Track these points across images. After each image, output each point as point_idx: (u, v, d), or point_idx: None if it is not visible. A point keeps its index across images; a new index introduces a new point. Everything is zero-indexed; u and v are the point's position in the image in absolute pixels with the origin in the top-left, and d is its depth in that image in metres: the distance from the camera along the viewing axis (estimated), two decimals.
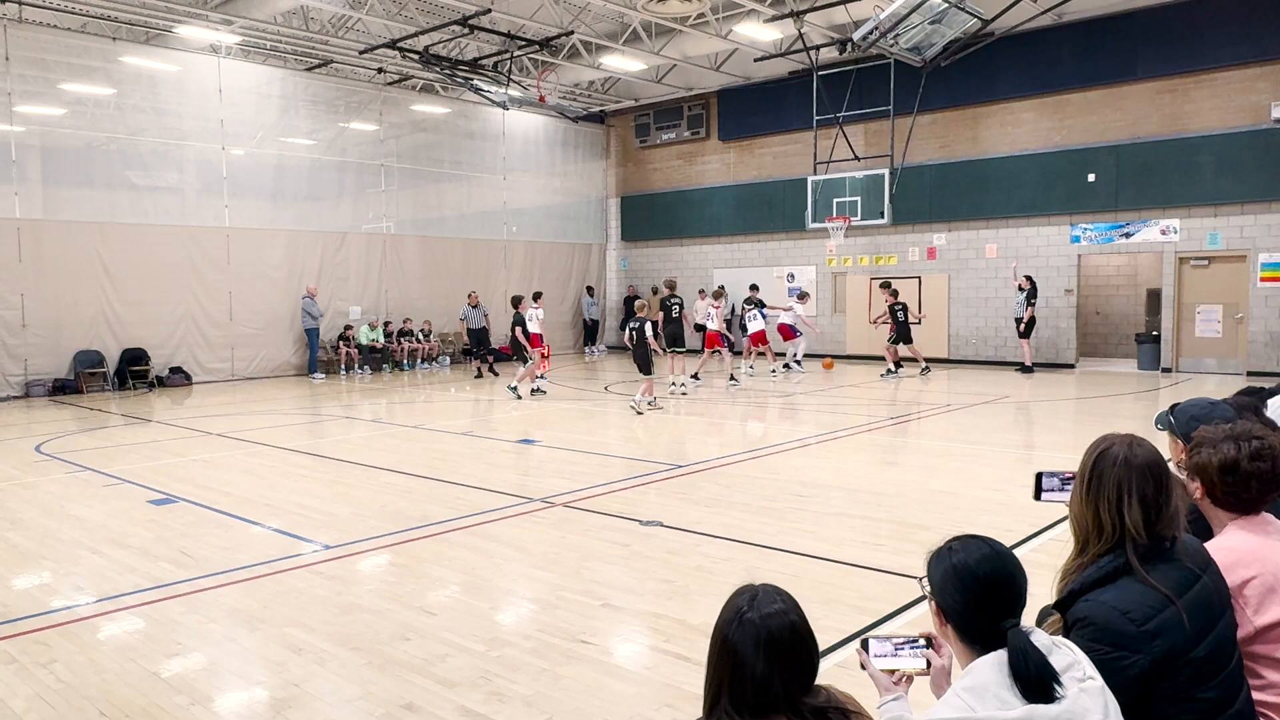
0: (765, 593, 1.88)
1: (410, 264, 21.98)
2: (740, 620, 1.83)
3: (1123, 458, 2.27)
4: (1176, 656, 2.10)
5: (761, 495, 7.76)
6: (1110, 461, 2.28)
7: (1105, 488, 2.26)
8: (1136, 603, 2.11)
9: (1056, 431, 11.66)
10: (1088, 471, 2.32)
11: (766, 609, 1.83)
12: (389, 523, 7.04)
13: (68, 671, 4.32)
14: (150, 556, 6.24)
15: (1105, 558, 2.22)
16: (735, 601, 1.88)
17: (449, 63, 18.82)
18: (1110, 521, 2.24)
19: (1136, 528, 2.20)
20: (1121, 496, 2.23)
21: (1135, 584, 2.15)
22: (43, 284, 16.19)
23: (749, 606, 1.84)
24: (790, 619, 1.84)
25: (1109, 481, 2.26)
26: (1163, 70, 17.14)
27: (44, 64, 16.49)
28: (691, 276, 24.83)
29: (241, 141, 18.83)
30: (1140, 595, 2.12)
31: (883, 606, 4.95)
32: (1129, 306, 20.66)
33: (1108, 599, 2.14)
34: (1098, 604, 2.14)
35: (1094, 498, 2.28)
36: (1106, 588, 2.17)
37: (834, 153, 19.40)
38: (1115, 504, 2.23)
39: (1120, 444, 2.31)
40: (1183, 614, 2.11)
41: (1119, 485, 2.24)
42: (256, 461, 9.93)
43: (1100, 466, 2.29)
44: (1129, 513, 2.21)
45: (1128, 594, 2.13)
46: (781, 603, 1.86)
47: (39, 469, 9.58)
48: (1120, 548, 2.20)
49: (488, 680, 4.14)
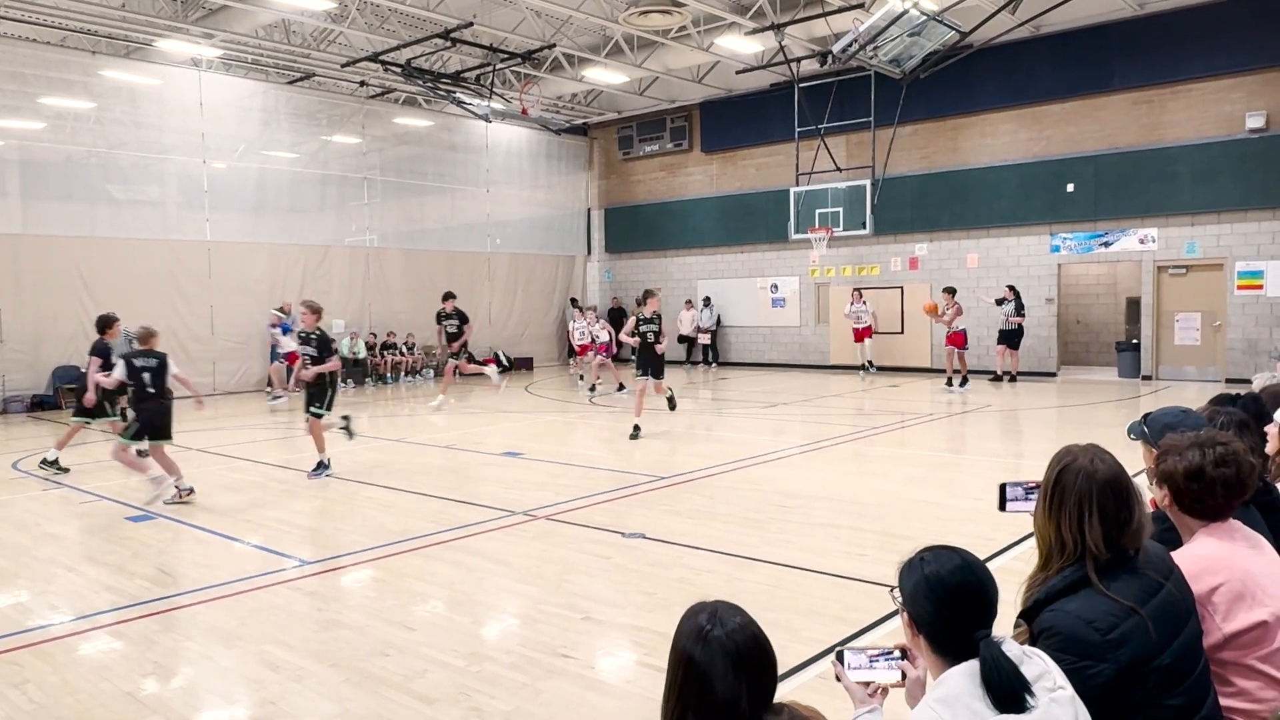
0: (724, 608, 1.85)
1: (393, 277, 21.91)
2: (705, 638, 1.78)
3: (1084, 473, 2.25)
4: (1142, 664, 2.10)
5: (745, 506, 7.76)
6: (1073, 476, 2.26)
7: (1067, 503, 2.24)
8: (1101, 612, 2.11)
9: (1039, 440, 11.72)
10: (1050, 486, 2.30)
11: (729, 624, 1.80)
12: (370, 537, 6.99)
13: (40, 692, 4.26)
14: (127, 574, 6.17)
15: (1068, 569, 2.21)
16: (694, 620, 1.83)
17: (431, 76, 18.82)
18: (1071, 538, 2.22)
19: (1097, 544, 2.19)
20: (1083, 513, 2.21)
21: (1098, 594, 2.14)
22: (21, 299, 16.04)
23: (711, 623, 1.80)
24: (753, 631, 1.82)
25: (1070, 497, 2.24)
26: (1139, 81, 17.34)
27: (23, 78, 16.38)
28: (676, 288, 24.88)
29: (223, 155, 18.73)
30: (1105, 604, 2.12)
31: (865, 617, 4.94)
32: (1109, 315, 20.84)
33: (1072, 609, 2.14)
34: (1063, 613, 2.14)
35: (1055, 514, 2.26)
36: (1071, 597, 2.16)
37: (816, 164, 19.50)
38: (1076, 520, 2.21)
39: (1083, 457, 2.28)
40: (1148, 622, 2.11)
41: (1080, 501, 2.22)
42: (236, 476, 9.84)
43: (1063, 481, 2.27)
44: (1090, 530, 2.20)
45: (1092, 603, 2.13)
46: (742, 616, 1.84)
47: (15, 486, 9.47)
48: (1081, 561, 2.20)
49: (467, 696, 4.10)
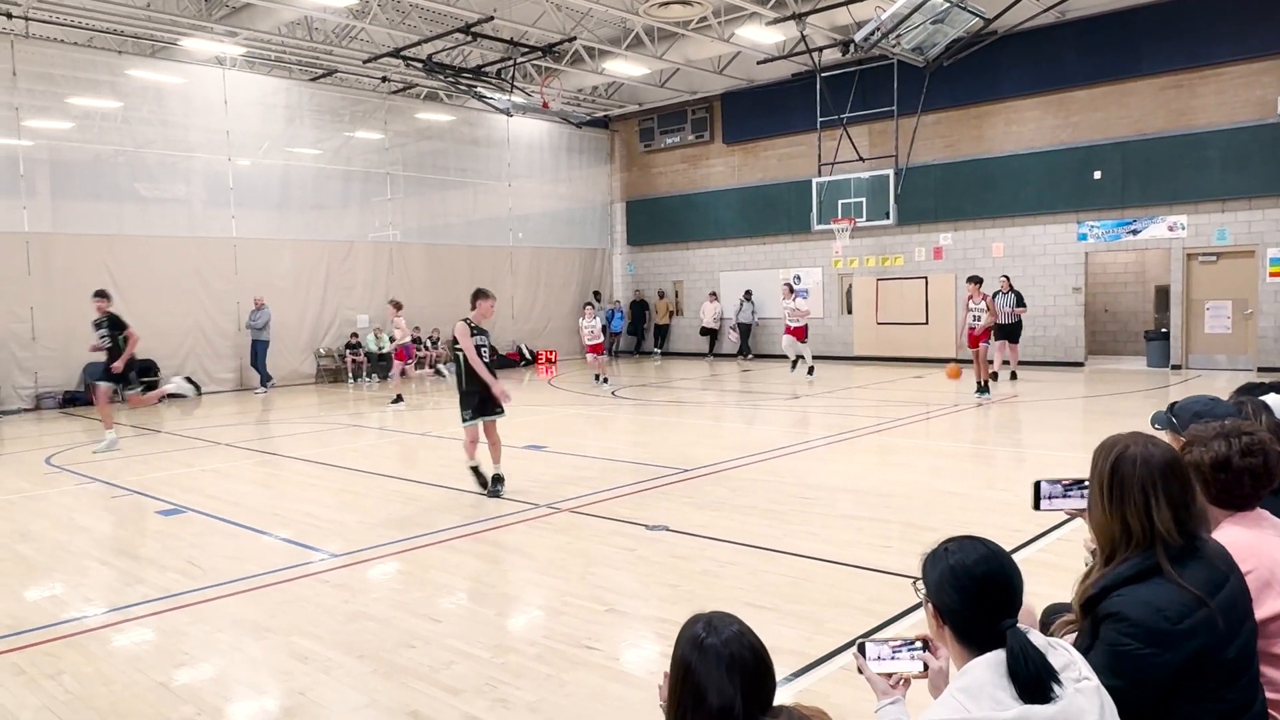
0: (719, 617, 1.89)
1: (416, 272, 22.04)
2: (701, 647, 1.82)
3: (1141, 459, 2.18)
4: (1208, 657, 2.05)
5: (768, 498, 7.74)
6: (1130, 464, 2.18)
7: (1129, 493, 2.16)
8: (1173, 601, 2.05)
9: (1066, 431, 11.61)
10: (1106, 478, 2.22)
11: (725, 633, 1.84)
12: (396, 530, 7.05)
13: (75, 683, 4.33)
14: (158, 567, 6.26)
15: (1136, 557, 2.14)
16: (690, 630, 1.88)
17: (453, 70, 18.89)
18: (1139, 526, 2.15)
19: (1168, 529, 2.12)
20: (1149, 499, 2.14)
21: (1168, 582, 2.08)
22: (52, 297, 16.27)
23: (706, 632, 1.84)
24: (749, 640, 1.85)
25: (1132, 485, 2.16)
26: (1167, 66, 17.07)
27: (51, 78, 16.61)
28: (698, 280, 24.85)
29: (247, 152, 18.93)
30: (1176, 593, 2.06)
31: (890, 609, 4.92)
32: (1137, 303, 20.59)
33: (1143, 595, 2.07)
34: (1132, 600, 2.08)
35: (1118, 505, 2.18)
36: (1141, 584, 2.10)
37: (838, 154, 19.40)
38: (1143, 508, 2.14)
39: (1135, 444, 2.21)
40: (1217, 615, 2.06)
41: (1144, 488, 2.15)
42: (265, 471, 9.96)
43: (1120, 471, 2.19)
44: (1158, 515, 2.13)
45: (1164, 592, 2.06)
46: (738, 625, 1.88)
47: (49, 481, 9.63)
48: (1151, 549, 2.13)
49: (492, 687, 4.13)
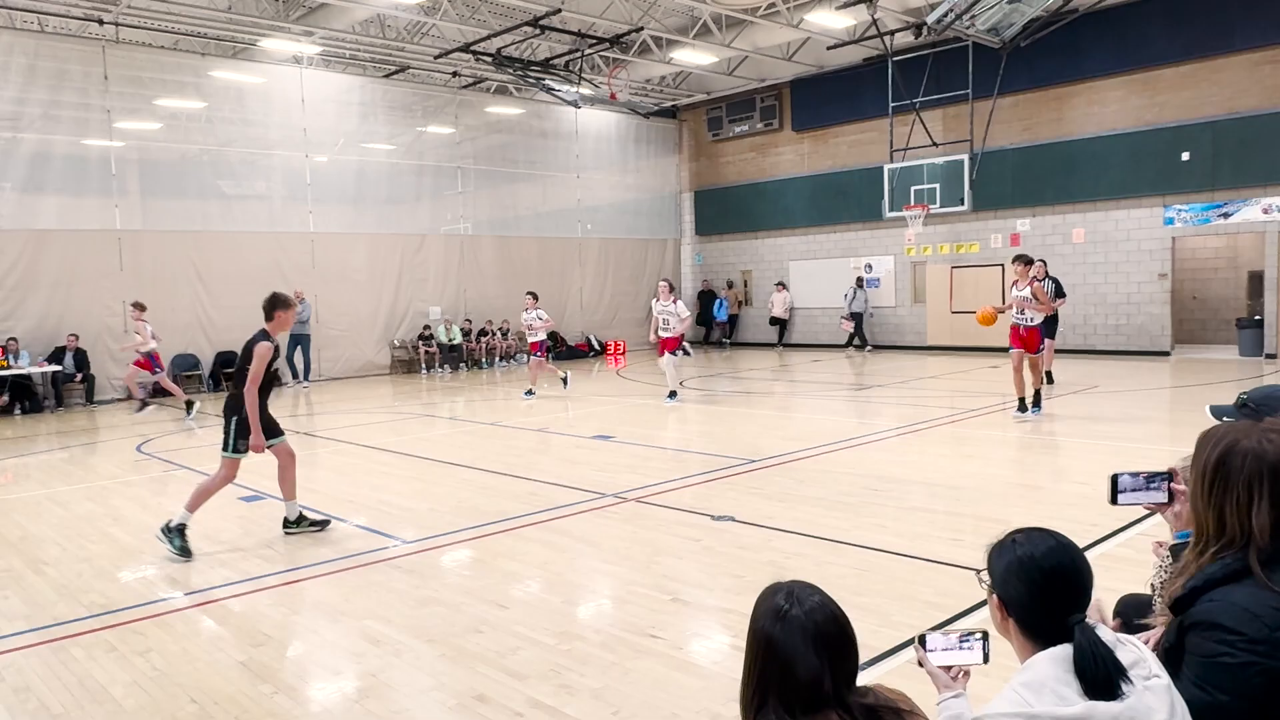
0: (801, 587, 1.84)
1: (487, 264, 22.35)
2: (783, 617, 1.78)
3: (1254, 454, 2.04)
4: None
5: (836, 489, 7.66)
6: (1240, 457, 2.06)
7: (1233, 487, 2.05)
8: (1269, 607, 1.94)
9: (1150, 422, 11.20)
10: (1212, 467, 2.10)
11: (808, 603, 1.79)
12: (466, 518, 7.18)
13: (162, 660, 4.53)
14: (239, 551, 6.50)
15: (1228, 557, 2.05)
16: (771, 600, 1.83)
17: (521, 64, 19.07)
18: (1236, 524, 2.05)
19: (1262, 531, 2.01)
20: (1252, 498, 2.02)
21: (1260, 587, 1.97)
22: (142, 292, 16.89)
23: (788, 603, 1.80)
24: (832, 610, 1.81)
25: (1237, 479, 2.05)
26: (1261, 40, 16.26)
27: (140, 81, 17.28)
28: (767, 270, 24.66)
29: (324, 149, 19.43)
30: (1271, 599, 1.95)
31: (958, 603, 4.83)
32: (1228, 290, 19.71)
33: (1237, 599, 1.97)
34: (1226, 604, 1.97)
35: (1219, 497, 2.07)
36: (1234, 586, 1.99)
37: (911, 139, 19.00)
38: (1245, 506, 2.03)
39: (1250, 437, 2.08)
40: None
41: (1250, 484, 2.03)
42: (341, 459, 10.23)
43: (1228, 463, 2.07)
44: (1257, 516, 2.01)
45: (1258, 596, 1.95)
46: (820, 595, 1.83)
47: (139, 468, 10.06)
48: (1245, 549, 2.03)
49: (557, 673, 4.19)
